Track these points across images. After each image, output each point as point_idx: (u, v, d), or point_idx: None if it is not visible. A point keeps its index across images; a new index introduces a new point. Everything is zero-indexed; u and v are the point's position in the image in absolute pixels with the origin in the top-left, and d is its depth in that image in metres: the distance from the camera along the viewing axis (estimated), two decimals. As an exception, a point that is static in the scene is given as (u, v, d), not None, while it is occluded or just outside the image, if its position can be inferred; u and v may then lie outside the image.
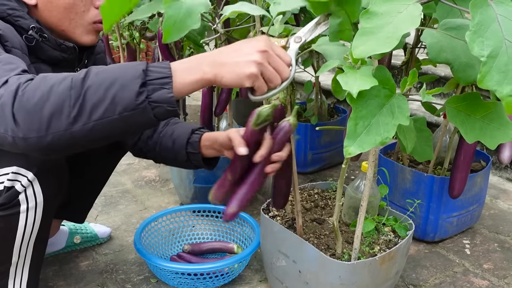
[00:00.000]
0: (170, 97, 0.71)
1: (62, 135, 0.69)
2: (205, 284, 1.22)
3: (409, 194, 1.43)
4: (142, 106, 0.70)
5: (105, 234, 1.48)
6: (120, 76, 0.70)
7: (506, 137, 0.76)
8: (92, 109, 0.69)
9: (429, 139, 0.98)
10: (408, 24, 0.63)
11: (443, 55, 0.81)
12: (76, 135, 0.69)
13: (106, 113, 0.69)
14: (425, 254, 1.43)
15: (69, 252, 1.42)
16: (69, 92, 0.68)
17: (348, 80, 0.69)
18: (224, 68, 0.73)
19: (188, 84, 0.73)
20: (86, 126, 0.69)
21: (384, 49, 0.63)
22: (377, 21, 0.65)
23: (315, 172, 2.02)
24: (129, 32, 2.34)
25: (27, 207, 0.90)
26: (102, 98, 0.69)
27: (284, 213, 1.20)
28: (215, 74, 0.74)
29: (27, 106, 0.68)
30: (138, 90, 0.69)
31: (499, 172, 2.01)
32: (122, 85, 0.69)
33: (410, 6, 0.66)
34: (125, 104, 0.69)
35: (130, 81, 0.69)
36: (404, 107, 0.71)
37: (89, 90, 0.69)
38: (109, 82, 0.69)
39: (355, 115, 0.70)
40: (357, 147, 0.69)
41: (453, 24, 0.83)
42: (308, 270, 1.03)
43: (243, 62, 0.73)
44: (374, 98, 0.71)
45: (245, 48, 0.74)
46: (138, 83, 0.69)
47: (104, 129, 0.70)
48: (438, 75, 2.20)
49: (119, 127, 0.71)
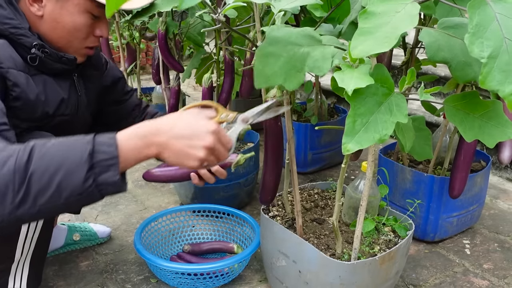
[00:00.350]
0: (117, 179, 0.71)
1: (6, 218, 0.68)
2: (205, 284, 1.22)
3: (409, 194, 1.43)
4: (89, 190, 0.70)
5: (104, 233, 1.48)
6: (66, 160, 0.69)
7: (504, 135, 0.76)
8: (37, 195, 0.68)
9: (428, 138, 0.98)
10: (406, 23, 0.63)
11: (441, 54, 0.81)
12: (21, 217, 0.69)
13: (52, 199, 0.69)
14: (425, 254, 1.43)
15: (69, 252, 1.42)
16: (13, 177, 0.67)
17: (345, 77, 0.69)
18: (170, 152, 0.76)
19: (133, 161, 0.75)
20: (31, 210, 0.69)
21: (383, 48, 0.63)
22: (375, 20, 0.65)
23: (315, 172, 2.02)
24: (129, 32, 2.34)
25: None
26: (47, 185, 0.68)
27: (284, 213, 1.20)
28: (161, 153, 0.76)
29: None
30: (85, 175, 0.69)
31: (499, 172, 2.01)
32: (68, 171, 0.69)
33: (408, 6, 0.66)
34: (71, 189, 0.69)
35: (77, 167, 0.69)
36: (402, 105, 0.71)
37: (34, 176, 0.68)
38: (54, 168, 0.69)
39: (353, 113, 0.70)
40: (355, 144, 0.69)
41: (451, 22, 0.83)
42: (308, 270, 1.03)
43: (189, 155, 0.76)
44: (372, 96, 0.71)
45: (195, 140, 0.76)
46: (85, 169, 0.69)
47: (50, 211, 0.71)
48: (438, 75, 2.20)
49: (65, 209, 0.72)
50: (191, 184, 1.59)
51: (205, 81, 1.53)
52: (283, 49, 0.76)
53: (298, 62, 0.76)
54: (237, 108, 2.28)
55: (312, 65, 0.76)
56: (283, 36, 0.77)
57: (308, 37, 0.79)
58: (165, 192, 1.84)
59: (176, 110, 1.69)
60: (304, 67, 0.76)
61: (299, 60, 0.76)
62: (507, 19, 0.60)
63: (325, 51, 0.78)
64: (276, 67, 0.75)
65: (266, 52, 0.75)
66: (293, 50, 0.76)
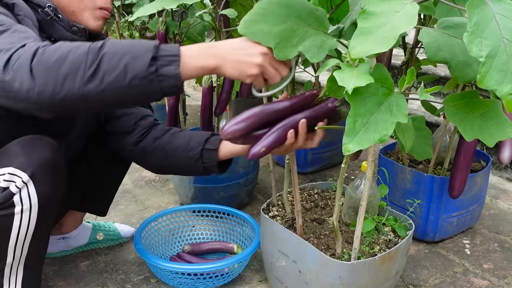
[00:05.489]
0: (177, 73, 0.77)
1: (74, 94, 0.75)
2: (205, 284, 1.22)
3: (409, 194, 1.43)
4: (151, 77, 0.76)
5: (128, 233, 1.48)
6: (134, 49, 0.77)
7: (504, 134, 0.76)
8: (105, 73, 0.75)
9: (428, 137, 0.97)
10: (405, 23, 0.63)
11: (440, 54, 0.81)
12: (87, 95, 0.75)
13: (117, 78, 0.75)
14: (425, 254, 1.43)
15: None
16: (86, 56, 0.75)
17: (344, 76, 0.69)
18: (228, 63, 0.80)
19: (192, 68, 0.79)
20: (98, 88, 0.75)
21: (382, 48, 0.63)
22: (374, 20, 0.65)
23: (315, 172, 2.02)
24: (129, 32, 2.35)
25: (22, 209, 0.89)
26: (115, 65, 0.75)
27: (284, 213, 1.20)
28: (219, 66, 0.80)
29: (46, 63, 0.74)
30: (149, 62, 0.75)
31: (499, 172, 2.01)
32: (135, 56, 0.76)
33: (407, 6, 0.66)
34: (135, 72, 0.75)
35: (143, 54, 0.76)
36: (402, 105, 0.71)
37: (105, 57, 0.75)
38: (123, 52, 0.76)
39: (353, 113, 0.70)
40: (356, 144, 0.69)
41: (450, 22, 0.83)
42: (308, 270, 1.03)
43: (247, 63, 0.80)
44: (372, 96, 0.71)
45: (251, 48, 0.80)
46: (149, 56, 0.75)
47: (113, 93, 0.76)
48: (438, 75, 2.20)
49: (126, 94, 0.77)
50: (191, 184, 1.59)
51: (205, 81, 1.53)
52: (289, 18, 0.76)
53: (296, 38, 0.77)
54: (237, 108, 2.28)
55: (308, 47, 0.77)
56: (296, 5, 0.77)
57: (318, 21, 0.79)
58: (165, 192, 1.84)
59: (176, 110, 1.69)
60: (299, 45, 0.77)
61: (299, 37, 0.77)
62: (506, 19, 0.60)
63: (326, 41, 0.78)
64: (274, 29, 0.75)
65: (271, 9, 0.76)
66: (298, 24, 0.77)
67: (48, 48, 0.75)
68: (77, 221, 1.39)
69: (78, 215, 1.37)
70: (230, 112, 1.61)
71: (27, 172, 0.89)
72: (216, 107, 1.57)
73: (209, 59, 0.80)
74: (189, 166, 1.12)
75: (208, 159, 1.09)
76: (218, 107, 1.56)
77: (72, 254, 1.41)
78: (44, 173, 0.91)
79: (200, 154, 1.09)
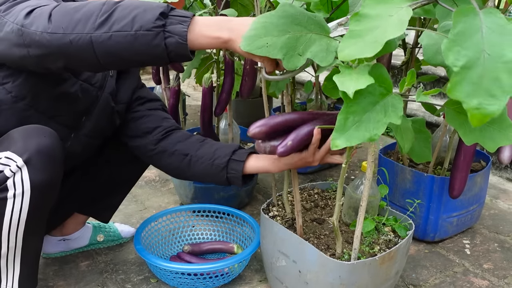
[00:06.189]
0: (184, 31, 0.78)
1: (82, 38, 0.79)
2: (205, 284, 1.22)
3: (409, 194, 1.43)
4: (156, 30, 0.78)
5: (128, 234, 1.48)
6: (147, 4, 0.81)
7: (506, 140, 0.75)
8: (115, 21, 0.79)
9: (428, 140, 0.97)
10: (395, 29, 0.62)
11: (438, 58, 0.80)
12: (94, 41, 0.79)
13: (124, 27, 0.78)
14: (425, 254, 1.43)
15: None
16: (101, 6, 0.81)
17: (344, 80, 0.69)
18: (241, 38, 0.79)
19: (203, 36, 0.81)
20: (105, 34, 0.79)
21: (368, 53, 0.62)
22: (366, 23, 0.64)
23: (315, 172, 2.01)
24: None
25: (15, 193, 0.90)
26: (126, 15, 0.79)
27: (284, 213, 1.20)
28: (231, 39, 0.80)
29: (65, 9, 0.81)
30: (157, 15, 0.78)
31: (499, 172, 2.01)
32: (146, 9, 0.79)
33: (402, 10, 0.65)
34: (142, 23, 0.78)
35: (154, 8, 0.79)
36: (398, 106, 0.71)
37: (118, 8, 0.80)
38: (136, 5, 0.80)
39: (346, 110, 0.70)
40: (344, 141, 0.69)
41: (451, 26, 0.83)
42: (308, 270, 1.03)
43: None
44: (368, 96, 0.71)
45: None
46: (159, 11, 0.79)
47: (118, 41, 0.79)
48: (438, 75, 2.20)
49: (131, 46, 0.79)
50: (191, 184, 1.59)
51: (205, 81, 1.53)
52: (290, 27, 0.75)
53: (301, 46, 0.76)
54: (237, 108, 2.28)
55: (316, 53, 0.76)
56: (295, 14, 0.76)
57: (319, 26, 0.78)
58: (165, 192, 1.84)
59: (176, 110, 1.69)
60: (306, 52, 0.76)
61: (304, 44, 0.76)
62: (493, 33, 0.58)
63: (331, 44, 0.77)
64: (279, 41, 0.74)
65: (272, 21, 0.75)
66: (300, 32, 0.76)
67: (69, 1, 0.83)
68: (79, 223, 1.38)
69: (80, 218, 1.37)
70: (230, 112, 1.62)
71: (22, 157, 0.89)
72: (216, 107, 1.57)
73: (224, 31, 0.80)
74: (212, 174, 1.13)
75: (233, 170, 1.10)
76: (218, 107, 1.56)
77: (72, 254, 1.41)
78: (39, 159, 0.91)
79: (226, 164, 1.10)
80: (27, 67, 0.91)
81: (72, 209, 1.32)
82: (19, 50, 0.84)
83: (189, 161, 1.15)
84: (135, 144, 1.21)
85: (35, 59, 0.84)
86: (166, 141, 1.18)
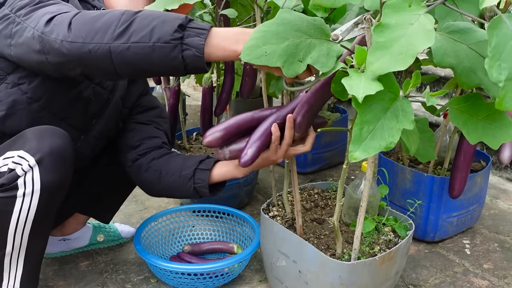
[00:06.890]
0: (201, 44, 0.79)
1: (101, 47, 0.80)
2: (205, 284, 1.22)
3: (409, 194, 1.43)
4: (174, 42, 0.79)
5: (129, 234, 1.48)
6: (166, 15, 0.81)
7: (508, 137, 0.76)
8: (133, 32, 0.80)
9: (431, 139, 0.97)
10: (423, 40, 0.61)
11: (447, 60, 0.79)
12: (113, 51, 0.80)
13: (143, 39, 0.79)
14: (425, 254, 1.43)
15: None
16: (120, 16, 0.82)
17: (353, 84, 0.67)
18: None
19: (220, 49, 0.81)
20: (123, 45, 0.80)
21: (400, 66, 0.62)
22: (389, 34, 0.64)
23: (315, 172, 2.02)
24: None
25: (24, 192, 0.90)
26: (144, 26, 0.80)
27: (284, 213, 1.20)
28: None
29: (85, 19, 0.82)
30: (176, 28, 0.79)
31: (499, 172, 2.01)
32: (164, 21, 0.80)
33: (421, 17, 0.64)
34: (160, 34, 0.79)
35: (172, 20, 0.80)
36: (408, 110, 0.70)
37: (137, 19, 0.81)
38: (155, 16, 0.81)
39: (360, 120, 0.69)
40: (362, 152, 0.68)
41: (456, 27, 0.82)
42: (308, 270, 1.03)
43: None
44: (379, 102, 0.70)
45: None
46: (178, 23, 0.79)
47: (136, 52, 0.80)
48: (438, 75, 2.20)
49: (148, 57, 0.80)
50: (191, 184, 1.59)
51: (205, 81, 1.53)
52: (289, 33, 0.75)
53: (301, 52, 0.75)
54: (237, 108, 2.28)
55: (316, 58, 0.75)
56: (294, 20, 0.76)
57: (319, 30, 0.77)
58: (165, 192, 1.84)
59: (176, 110, 1.69)
60: (306, 58, 0.75)
61: (303, 50, 0.75)
62: None
63: (331, 48, 0.77)
64: (278, 48, 0.73)
65: (271, 30, 0.74)
66: (300, 38, 0.75)
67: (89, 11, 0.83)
68: (80, 223, 1.39)
69: (81, 218, 1.37)
70: (230, 112, 1.61)
71: (35, 156, 0.90)
72: (216, 107, 1.57)
73: (240, 45, 0.78)
74: (180, 186, 1.12)
75: (200, 179, 1.09)
76: (218, 107, 1.56)
77: (72, 254, 1.41)
78: (51, 160, 0.92)
79: (192, 174, 1.09)
80: (44, 72, 0.91)
81: (73, 209, 1.32)
82: (37, 56, 0.85)
83: (159, 174, 1.14)
84: (120, 155, 1.23)
85: (53, 66, 0.85)
86: (142, 159, 1.18)
